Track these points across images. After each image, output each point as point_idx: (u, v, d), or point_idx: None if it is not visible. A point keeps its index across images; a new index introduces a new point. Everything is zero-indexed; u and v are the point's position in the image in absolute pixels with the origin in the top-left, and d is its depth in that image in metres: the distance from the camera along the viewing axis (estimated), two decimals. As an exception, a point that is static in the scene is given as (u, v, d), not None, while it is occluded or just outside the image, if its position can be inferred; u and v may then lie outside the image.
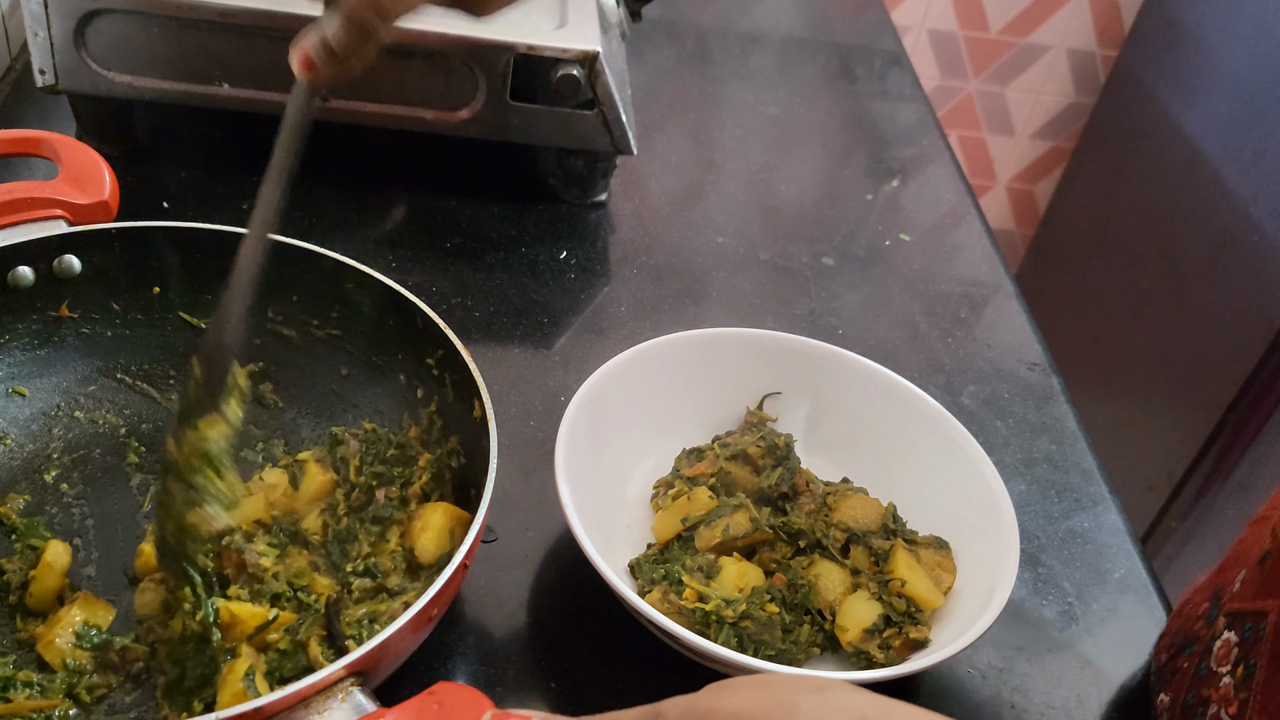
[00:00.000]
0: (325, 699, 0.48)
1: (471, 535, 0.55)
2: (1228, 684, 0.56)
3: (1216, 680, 0.58)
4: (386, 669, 0.54)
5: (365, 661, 0.49)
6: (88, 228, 0.68)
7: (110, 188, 0.71)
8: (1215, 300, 1.68)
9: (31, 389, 0.70)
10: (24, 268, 0.67)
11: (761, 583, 0.66)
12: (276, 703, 0.46)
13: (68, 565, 0.61)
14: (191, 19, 0.85)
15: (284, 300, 0.72)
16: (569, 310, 0.91)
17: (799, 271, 1.01)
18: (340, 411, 0.72)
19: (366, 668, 0.49)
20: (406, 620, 0.51)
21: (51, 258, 0.68)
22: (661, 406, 0.75)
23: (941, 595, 0.68)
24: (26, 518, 0.65)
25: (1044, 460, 0.85)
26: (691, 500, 0.70)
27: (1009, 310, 1.01)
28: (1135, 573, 0.77)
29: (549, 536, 0.71)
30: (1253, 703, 0.53)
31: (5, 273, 0.66)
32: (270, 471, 0.68)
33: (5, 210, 0.67)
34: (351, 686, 0.49)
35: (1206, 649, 0.60)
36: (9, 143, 0.73)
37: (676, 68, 1.32)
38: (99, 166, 0.72)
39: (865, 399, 0.77)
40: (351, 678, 0.49)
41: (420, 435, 0.69)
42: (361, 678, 0.49)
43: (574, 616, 0.67)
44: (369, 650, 0.49)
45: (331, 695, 0.48)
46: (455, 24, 0.89)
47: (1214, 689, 0.57)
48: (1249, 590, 0.58)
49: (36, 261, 0.67)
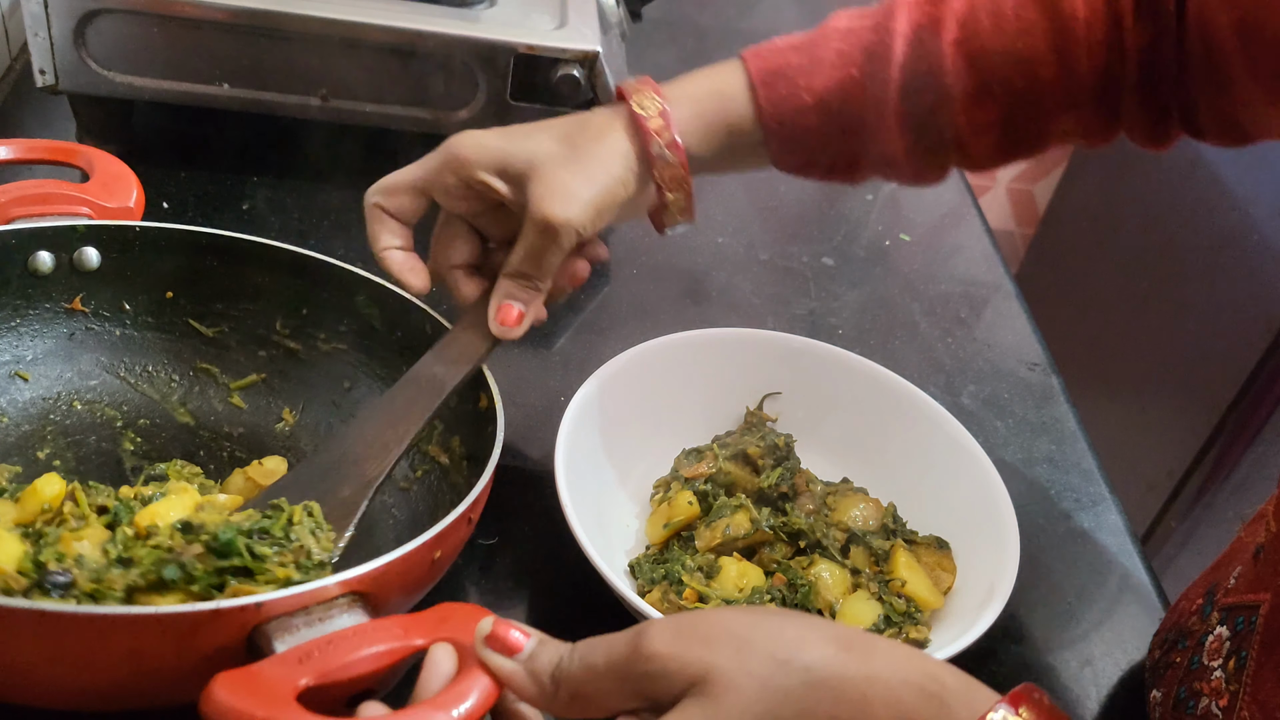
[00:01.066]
0: (327, 609, 0.48)
1: (480, 486, 0.56)
2: (1219, 677, 0.57)
3: (1208, 674, 0.58)
4: (386, 601, 0.53)
5: (364, 583, 0.49)
6: (112, 222, 0.69)
7: (137, 198, 0.73)
8: (1215, 300, 1.68)
9: (34, 375, 0.70)
10: (45, 253, 0.68)
11: (761, 583, 0.66)
12: (279, 602, 0.46)
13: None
14: (191, 19, 0.85)
15: (294, 314, 0.72)
16: (569, 310, 0.91)
17: (799, 271, 1.01)
18: (338, 422, 0.72)
19: (366, 589, 0.49)
20: (408, 550, 0.51)
21: (73, 248, 0.68)
22: (661, 406, 0.75)
23: (941, 595, 0.68)
24: (15, 485, 0.64)
25: (1044, 460, 0.85)
26: (672, 505, 0.70)
27: (1009, 310, 1.01)
28: (1135, 573, 0.77)
29: (549, 536, 0.71)
30: (1243, 694, 0.54)
31: (28, 256, 0.67)
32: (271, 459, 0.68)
33: (37, 201, 0.69)
34: (354, 603, 0.49)
35: (1199, 644, 0.60)
36: (46, 150, 0.75)
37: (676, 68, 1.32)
38: (129, 178, 0.74)
39: (865, 399, 0.77)
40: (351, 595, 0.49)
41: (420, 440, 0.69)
42: (361, 598, 0.49)
43: (574, 616, 0.67)
44: (369, 571, 0.49)
45: (333, 605, 0.48)
46: (455, 24, 0.89)
47: (1205, 682, 0.58)
48: (1243, 585, 0.58)
49: (58, 249, 0.68)
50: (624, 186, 0.63)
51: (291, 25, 0.86)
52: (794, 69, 0.65)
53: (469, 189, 0.64)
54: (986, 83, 0.63)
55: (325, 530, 0.55)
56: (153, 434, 0.71)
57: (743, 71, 0.66)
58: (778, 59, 0.66)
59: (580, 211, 0.61)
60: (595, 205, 0.62)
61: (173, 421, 0.72)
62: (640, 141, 0.64)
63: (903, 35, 0.64)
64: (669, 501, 0.71)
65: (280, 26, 0.86)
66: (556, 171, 0.62)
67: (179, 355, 0.73)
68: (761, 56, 0.66)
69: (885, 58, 0.64)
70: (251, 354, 0.73)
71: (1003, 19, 0.63)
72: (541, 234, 0.62)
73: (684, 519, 0.69)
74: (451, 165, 0.64)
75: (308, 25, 0.86)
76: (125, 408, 0.72)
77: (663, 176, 0.64)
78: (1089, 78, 0.63)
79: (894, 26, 0.64)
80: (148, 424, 0.71)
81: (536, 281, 0.65)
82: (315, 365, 0.73)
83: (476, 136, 0.64)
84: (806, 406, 0.78)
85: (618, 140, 0.64)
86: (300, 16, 0.86)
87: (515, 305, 0.65)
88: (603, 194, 0.62)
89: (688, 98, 0.66)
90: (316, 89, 0.90)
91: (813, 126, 0.66)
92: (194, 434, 0.72)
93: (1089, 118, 0.66)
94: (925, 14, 0.64)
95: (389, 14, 0.87)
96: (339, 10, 0.86)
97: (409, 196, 0.66)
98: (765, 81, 0.65)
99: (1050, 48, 0.63)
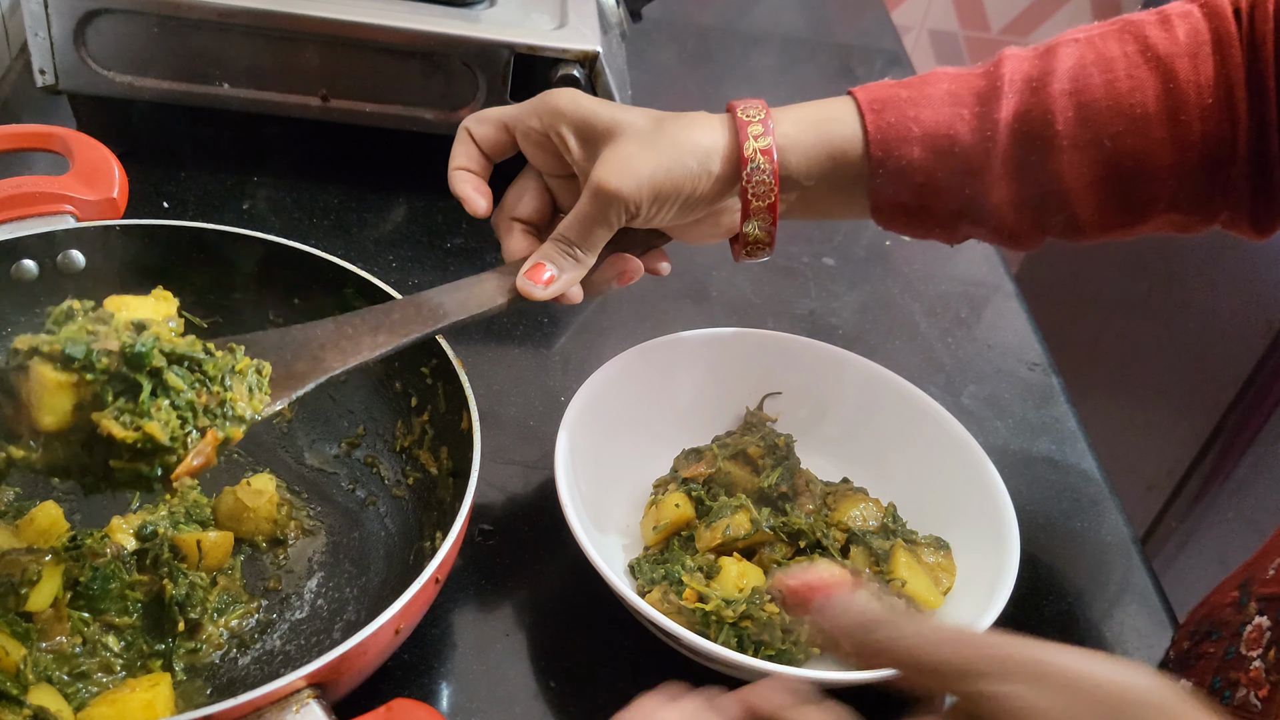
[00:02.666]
0: (280, 710, 0.47)
1: (444, 549, 0.54)
2: (1258, 668, 0.56)
3: (1246, 664, 0.58)
4: (348, 683, 0.52)
5: (325, 673, 0.48)
6: (92, 224, 0.68)
7: (120, 185, 0.71)
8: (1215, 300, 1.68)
9: None
10: (28, 261, 0.67)
11: (761, 583, 0.66)
12: (230, 710, 0.45)
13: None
14: (191, 19, 0.85)
15: (286, 304, 0.71)
16: (569, 310, 0.91)
17: (799, 271, 1.01)
18: (335, 417, 0.72)
19: (326, 679, 0.48)
20: (368, 634, 0.49)
21: (55, 253, 0.68)
22: (661, 406, 0.75)
23: (941, 595, 0.68)
24: (15, 506, 0.64)
25: (1044, 460, 0.85)
26: (660, 508, 0.70)
27: (1009, 310, 1.01)
28: (1135, 573, 0.77)
29: (549, 536, 0.71)
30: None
31: (9, 266, 0.67)
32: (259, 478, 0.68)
33: (13, 204, 0.68)
34: (309, 699, 0.47)
35: (1236, 634, 0.60)
36: (22, 137, 0.74)
37: (676, 68, 1.32)
38: (109, 163, 0.72)
39: (865, 399, 0.77)
40: (310, 689, 0.48)
41: (412, 444, 0.69)
42: (320, 690, 0.48)
43: (574, 616, 0.67)
44: (328, 662, 0.48)
45: (286, 707, 0.47)
46: (455, 24, 0.89)
47: (1244, 672, 0.57)
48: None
49: (40, 256, 0.67)
50: (693, 180, 0.62)
51: (291, 25, 0.86)
52: (903, 101, 0.64)
53: (547, 140, 0.64)
54: (1097, 135, 0.62)
55: (263, 393, 0.53)
56: (150, 439, 0.71)
57: (850, 101, 0.65)
58: (886, 91, 0.65)
59: (635, 187, 0.60)
60: (653, 186, 0.61)
61: (172, 421, 0.72)
62: (735, 140, 0.62)
63: (1013, 83, 0.63)
64: (657, 504, 0.71)
65: (280, 26, 0.86)
66: (629, 144, 0.61)
67: None
68: (869, 89, 0.65)
69: (996, 101, 0.63)
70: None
71: (1114, 76, 0.62)
72: (592, 200, 0.61)
73: (672, 521, 0.69)
74: (540, 111, 0.64)
75: (308, 25, 0.86)
76: (124, 408, 0.72)
77: (750, 184, 0.63)
78: (1199, 143, 0.62)
79: (1004, 73, 0.63)
80: (146, 427, 0.71)
81: (578, 251, 0.63)
82: None
83: (575, 93, 0.63)
84: (806, 406, 0.78)
85: (708, 133, 0.63)
86: (300, 16, 0.86)
87: (549, 267, 0.63)
88: (665, 178, 0.61)
89: (794, 117, 0.65)
90: (316, 89, 0.90)
91: (918, 161, 0.64)
92: (193, 434, 0.72)
93: (1195, 189, 0.64)
94: (1035, 66, 0.63)
95: (389, 14, 0.87)
96: (339, 10, 0.86)
97: (494, 128, 0.66)
98: (874, 109, 0.64)
99: (1161, 108, 0.62)
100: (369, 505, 0.70)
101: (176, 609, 0.59)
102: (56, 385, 0.47)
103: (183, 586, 0.59)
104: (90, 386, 0.48)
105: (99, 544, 0.60)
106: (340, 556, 0.67)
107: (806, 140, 0.64)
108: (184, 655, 0.59)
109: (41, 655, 0.56)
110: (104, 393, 0.48)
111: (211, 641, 0.60)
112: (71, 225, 0.68)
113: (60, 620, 0.57)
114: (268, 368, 0.54)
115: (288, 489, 0.70)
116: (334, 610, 0.64)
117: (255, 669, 0.60)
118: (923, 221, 0.67)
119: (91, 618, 0.58)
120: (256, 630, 0.62)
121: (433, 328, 0.60)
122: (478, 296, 0.63)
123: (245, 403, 0.52)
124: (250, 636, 0.62)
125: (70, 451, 0.49)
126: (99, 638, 0.58)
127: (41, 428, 0.48)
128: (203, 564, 0.62)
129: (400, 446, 0.70)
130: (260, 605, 0.63)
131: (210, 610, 0.61)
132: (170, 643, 0.59)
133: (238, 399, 0.52)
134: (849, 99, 0.66)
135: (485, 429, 0.61)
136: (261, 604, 0.63)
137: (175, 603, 0.59)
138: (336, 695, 0.51)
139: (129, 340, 0.49)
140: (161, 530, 0.62)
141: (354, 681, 0.53)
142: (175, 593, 0.59)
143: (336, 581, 0.66)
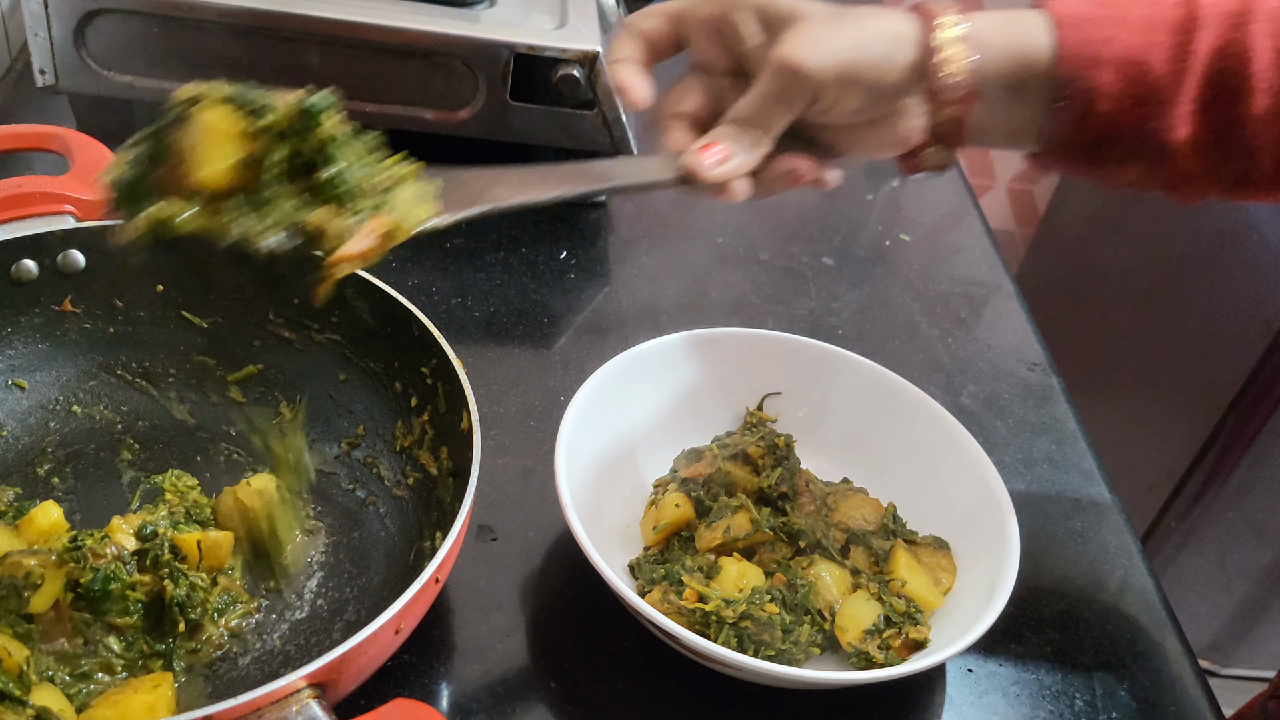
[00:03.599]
0: (280, 710, 0.47)
1: (444, 549, 0.54)
2: None
3: None
4: (348, 683, 0.52)
5: (325, 673, 0.48)
6: (93, 224, 0.68)
7: None
8: (1215, 300, 1.68)
9: (31, 382, 0.70)
10: (29, 261, 0.67)
11: (761, 583, 0.66)
12: (230, 711, 0.45)
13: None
14: (191, 19, 0.85)
15: (286, 303, 0.72)
16: (569, 310, 0.91)
17: (799, 271, 1.01)
18: (335, 417, 0.72)
19: (326, 679, 0.48)
20: (368, 634, 0.49)
21: (56, 252, 0.68)
22: (661, 406, 0.75)
23: (941, 595, 0.68)
24: (15, 507, 0.64)
25: (1044, 460, 0.85)
26: (660, 508, 0.70)
27: (1009, 310, 1.01)
28: (1135, 573, 0.77)
29: (549, 536, 0.71)
30: None
31: (9, 266, 0.67)
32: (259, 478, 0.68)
33: (13, 204, 0.68)
34: (309, 699, 0.47)
35: None
36: (22, 137, 0.74)
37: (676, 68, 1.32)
38: (109, 162, 0.72)
39: (865, 399, 0.77)
40: (310, 689, 0.48)
41: (412, 444, 0.69)
42: (320, 690, 0.48)
43: (574, 616, 0.67)
44: (328, 662, 0.48)
45: (286, 707, 0.47)
46: (455, 24, 0.89)
47: None
48: None
49: (41, 256, 0.67)
50: (878, 67, 0.58)
51: (292, 25, 0.86)
52: (1098, 21, 0.59)
53: (719, 32, 0.61)
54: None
55: (430, 205, 0.51)
56: (151, 438, 0.71)
57: (1043, 14, 0.60)
58: (1081, 7, 0.60)
59: (822, 63, 0.57)
60: (841, 64, 0.57)
61: (171, 421, 0.72)
62: (924, 30, 0.59)
63: (1213, 17, 0.59)
64: (657, 504, 0.71)
65: (280, 26, 0.86)
66: (814, 25, 0.58)
67: (174, 348, 0.73)
68: (1063, 4, 0.61)
69: (1194, 32, 0.58)
70: (247, 344, 0.73)
71: None
72: (775, 76, 0.58)
73: (671, 521, 0.69)
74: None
75: (308, 25, 0.86)
76: (124, 408, 0.72)
77: (938, 79, 0.59)
78: None
79: (1203, 3, 0.59)
80: (146, 426, 0.72)
81: (756, 132, 0.60)
82: (310, 356, 0.73)
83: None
84: (806, 406, 0.78)
85: (895, 21, 0.59)
86: (300, 16, 0.86)
87: (723, 145, 0.60)
88: (854, 57, 0.57)
89: (984, 16, 0.60)
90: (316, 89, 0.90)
91: (1106, 87, 0.59)
92: (192, 435, 0.72)
93: None
94: (1238, 2, 0.59)
95: (389, 14, 0.87)
96: (339, 10, 0.86)
97: (662, 20, 0.63)
98: (1069, 24, 0.59)
99: None
100: (369, 505, 0.70)
101: (177, 609, 0.59)
102: (224, 132, 0.43)
103: (183, 587, 0.59)
104: (258, 140, 0.44)
105: (99, 545, 0.60)
106: (340, 557, 0.67)
107: (996, 39, 0.60)
108: (184, 655, 0.59)
109: (43, 656, 0.56)
110: (271, 150, 0.44)
111: (212, 642, 0.60)
112: (71, 225, 0.68)
113: (62, 621, 0.57)
114: (438, 185, 0.52)
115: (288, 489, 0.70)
116: (334, 610, 0.64)
117: (255, 669, 0.60)
118: (1090, 158, 0.62)
119: (93, 618, 0.58)
120: (256, 630, 0.62)
121: (602, 186, 0.60)
122: (642, 169, 0.61)
123: (410, 211, 0.50)
124: (250, 637, 0.62)
125: (229, 216, 0.45)
126: (100, 638, 0.58)
127: (197, 183, 0.44)
128: (203, 564, 0.62)
129: (400, 447, 0.70)
130: (260, 605, 0.63)
131: (210, 611, 0.61)
132: (171, 643, 0.59)
133: (406, 201, 0.49)
134: (1040, 12, 0.61)
135: (485, 429, 0.61)
136: (261, 604, 0.63)
137: (175, 603, 0.59)
138: (336, 695, 0.51)
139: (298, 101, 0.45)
140: (161, 531, 0.62)
141: (354, 681, 0.53)
142: (175, 593, 0.59)
143: (336, 581, 0.66)
